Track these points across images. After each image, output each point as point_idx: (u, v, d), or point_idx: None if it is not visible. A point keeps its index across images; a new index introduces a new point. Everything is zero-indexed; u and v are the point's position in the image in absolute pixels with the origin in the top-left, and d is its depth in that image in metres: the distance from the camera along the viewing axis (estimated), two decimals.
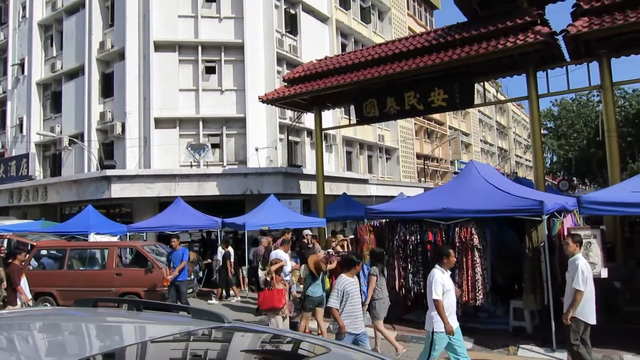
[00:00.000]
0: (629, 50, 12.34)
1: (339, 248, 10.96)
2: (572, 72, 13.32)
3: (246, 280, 14.93)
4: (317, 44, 24.69)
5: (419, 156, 36.23)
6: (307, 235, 14.17)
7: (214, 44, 21.73)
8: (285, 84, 17.19)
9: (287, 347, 2.34)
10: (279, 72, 22.33)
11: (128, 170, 20.22)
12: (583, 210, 7.32)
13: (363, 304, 7.68)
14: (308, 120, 21.61)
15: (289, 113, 21.84)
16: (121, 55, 21.75)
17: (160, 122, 21.09)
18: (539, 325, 8.52)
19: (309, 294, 8.62)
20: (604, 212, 7.73)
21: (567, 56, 12.95)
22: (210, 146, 21.25)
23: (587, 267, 6.29)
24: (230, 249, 13.97)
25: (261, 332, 2.52)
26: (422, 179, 35.19)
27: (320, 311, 8.70)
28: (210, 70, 22.01)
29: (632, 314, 7.74)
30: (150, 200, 20.14)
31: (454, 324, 6.01)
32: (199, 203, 17.69)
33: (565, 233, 7.86)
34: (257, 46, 21.85)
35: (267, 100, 16.76)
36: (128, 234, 15.92)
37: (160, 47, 21.26)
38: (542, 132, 40.98)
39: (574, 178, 44.38)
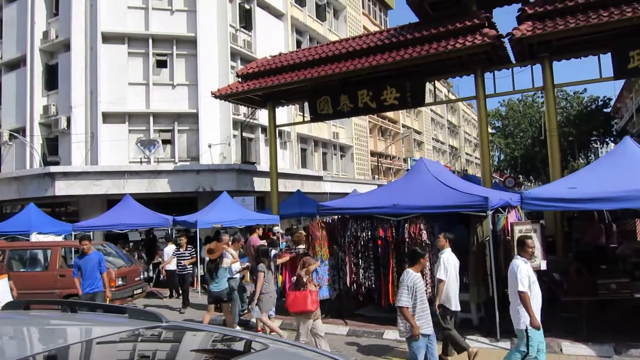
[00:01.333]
0: (569, 54, 12.99)
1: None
2: (518, 73, 13.90)
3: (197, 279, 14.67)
4: (272, 40, 24.54)
5: (372, 153, 36.72)
6: (277, 232, 14.17)
7: (165, 37, 21.19)
8: (239, 79, 17.00)
9: (225, 345, 2.32)
10: (232, 67, 22.04)
11: (74, 166, 19.42)
12: (525, 205, 7.65)
13: (251, 298, 8.34)
14: (262, 116, 21.49)
15: (243, 109, 21.60)
16: (66, 46, 20.82)
17: (109, 117, 20.37)
18: (484, 317, 8.82)
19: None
20: (543, 208, 8.10)
21: (512, 58, 13.49)
22: (161, 142, 20.74)
23: (449, 259, 6.94)
24: (169, 247, 13.59)
25: (200, 330, 2.48)
26: (376, 176, 35.71)
27: (225, 306, 8.93)
28: (161, 64, 21.44)
29: (569, 303, 8.16)
30: (97, 198, 19.43)
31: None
32: (149, 201, 17.22)
33: (509, 228, 8.19)
34: (210, 40, 21.48)
35: (220, 95, 16.52)
36: (73, 233, 15.29)
37: (108, 38, 20.51)
38: (490, 131, 42.33)
39: (520, 175, 46.26)
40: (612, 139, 42.81)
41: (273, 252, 10.88)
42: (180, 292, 12.93)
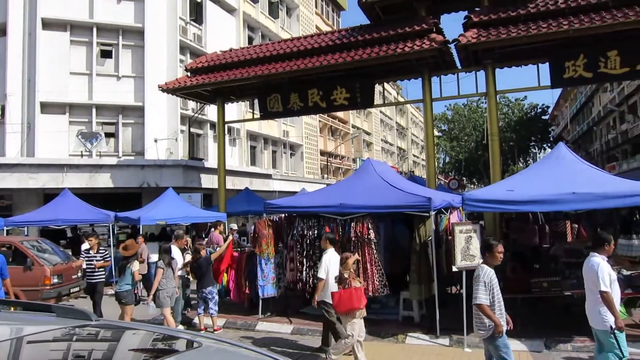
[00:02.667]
0: (511, 62, 13.59)
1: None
2: (463, 79, 14.41)
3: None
4: (223, 35, 24.17)
5: (322, 153, 36.94)
6: (232, 230, 14.02)
7: (111, 27, 20.40)
8: (188, 73, 16.63)
9: (157, 343, 2.25)
10: (181, 61, 21.54)
11: (8, 158, 18.35)
12: (465, 207, 7.91)
13: (149, 294, 8.35)
14: (211, 112, 21.10)
15: (192, 104, 21.15)
16: (2, 31, 19.61)
17: (47, 107, 19.39)
18: (425, 315, 9.07)
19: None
20: (483, 209, 8.41)
21: (458, 64, 13.93)
22: (104, 135, 19.96)
23: (330, 260, 7.24)
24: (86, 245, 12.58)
25: (130, 328, 2.40)
26: (325, 176, 35.95)
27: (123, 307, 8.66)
28: (106, 54, 20.64)
29: (505, 301, 8.49)
30: (33, 191, 18.45)
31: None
32: (90, 196, 16.55)
33: (450, 228, 8.45)
34: (158, 32, 20.87)
35: (168, 89, 16.08)
36: (5, 228, 14.44)
37: (48, 25, 19.51)
38: (436, 134, 43.49)
39: (464, 178, 47.93)
40: (549, 144, 45.14)
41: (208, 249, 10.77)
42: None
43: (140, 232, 13.69)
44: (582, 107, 49.98)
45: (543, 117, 45.59)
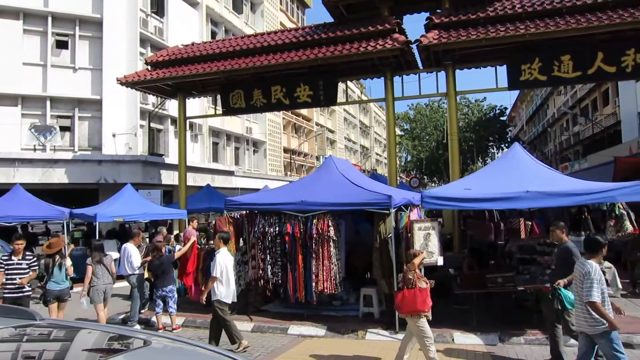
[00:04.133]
0: (471, 64, 13.94)
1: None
2: (424, 79, 14.69)
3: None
4: (185, 29, 23.72)
5: (286, 150, 36.85)
6: (162, 233, 13.72)
7: (67, 16, 19.68)
8: (148, 67, 16.25)
9: (105, 342, 2.19)
10: (142, 54, 21.01)
11: None
12: (424, 204, 8.07)
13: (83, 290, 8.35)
14: (173, 107, 20.69)
15: (152, 98, 20.66)
16: None
17: None
18: (385, 311, 9.19)
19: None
20: (441, 207, 8.60)
21: (420, 64, 14.18)
22: (58, 129, 19.25)
23: (224, 259, 7.43)
24: None
25: (77, 328, 2.33)
26: (289, 173, 35.89)
27: (62, 305, 8.57)
28: (61, 45, 19.90)
29: (462, 296, 8.76)
30: None
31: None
32: (44, 192, 15.89)
33: (410, 225, 8.58)
34: (117, 23, 20.26)
35: (127, 82, 15.67)
36: None
37: (0, 12, 18.64)
38: (399, 133, 44.05)
39: (425, 176, 48.81)
40: (506, 144, 46.53)
41: (177, 247, 10.58)
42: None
43: (97, 230, 13.30)
44: (537, 109, 51.82)
45: (501, 118, 46.98)
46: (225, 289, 7.44)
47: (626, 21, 11.26)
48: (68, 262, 8.74)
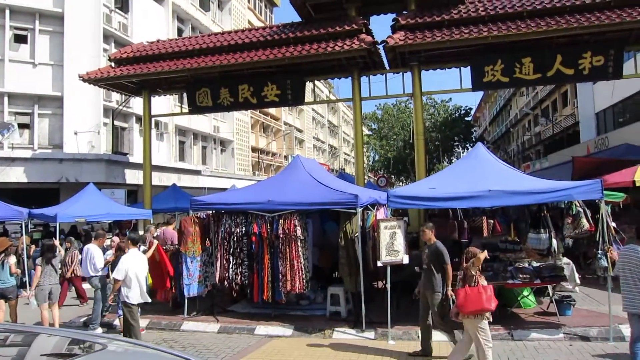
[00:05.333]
0: (436, 65, 14.16)
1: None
2: (391, 79, 14.87)
3: None
4: (150, 26, 23.23)
5: (254, 149, 36.61)
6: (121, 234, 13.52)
7: (26, 10, 19.01)
8: (112, 63, 15.85)
9: (64, 347, 2.13)
10: (105, 50, 20.48)
11: None
12: (390, 203, 8.15)
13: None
14: (137, 105, 20.24)
15: (116, 96, 20.18)
16: None
17: None
18: (352, 309, 9.26)
19: None
20: (406, 206, 8.71)
21: (387, 65, 14.32)
22: (17, 126, 18.53)
23: (128, 261, 7.44)
24: None
25: (33, 332, 2.25)
26: (257, 172, 35.67)
27: (11, 304, 8.70)
28: (20, 39, 19.21)
29: None
30: None
31: None
32: (1, 191, 15.37)
33: (376, 224, 8.66)
34: (80, 18, 19.67)
35: (90, 79, 15.25)
36: None
37: None
38: (367, 132, 44.32)
39: (392, 176, 49.32)
40: (471, 144, 47.49)
41: (142, 247, 10.36)
42: None
43: (57, 230, 12.89)
44: (501, 110, 53.21)
45: (466, 119, 47.89)
46: (131, 291, 7.41)
47: (583, 25, 11.69)
48: (12, 259, 8.69)
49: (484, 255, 6.21)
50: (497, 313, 8.32)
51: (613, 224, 8.94)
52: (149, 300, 7.94)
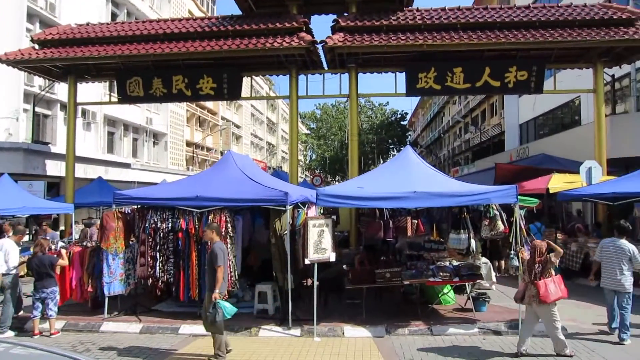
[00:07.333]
0: (373, 68, 14.51)
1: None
2: (329, 80, 15.02)
3: None
4: (81, 7, 22.00)
5: (189, 144, 35.71)
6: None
7: None
8: (35, 45, 14.85)
9: None
10: (29, 30, 19.19)
11: None
12: (319, 202, 8.22)
13: None
14: (63, 91, 19.12)
15: (39, 81, 18.93)
16: None
17: None
18: (280, 307, 9.24)
19: None
20: (335, 204, 8.84)
21: (325, 65, 14.46)
22: None
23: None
24: None
25: None
26: (191, 167, 34.82)
27: None
28: None
29: (353, 291, 9.07)
30: None
31: None
32: None
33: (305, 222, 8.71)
34: None
35: (9, 61, 14.22)
36: None
37: None
38: (305, 131, 44.48)
39: (329, 175, 49.82)
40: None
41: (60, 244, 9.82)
42: None
43: None
44: (435, 116, 55.27)
45: (402, 123, 49.28)
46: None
47: (510, 41, 12.41)
48: None
49: (561, 250, 6.78)
50: (419, 310, 8.68)
51: (526, 227, 9.55)
52: None
